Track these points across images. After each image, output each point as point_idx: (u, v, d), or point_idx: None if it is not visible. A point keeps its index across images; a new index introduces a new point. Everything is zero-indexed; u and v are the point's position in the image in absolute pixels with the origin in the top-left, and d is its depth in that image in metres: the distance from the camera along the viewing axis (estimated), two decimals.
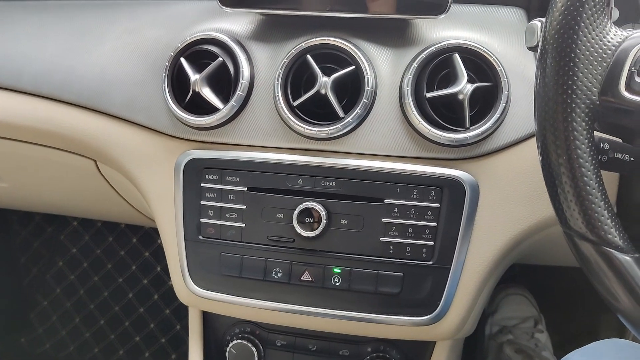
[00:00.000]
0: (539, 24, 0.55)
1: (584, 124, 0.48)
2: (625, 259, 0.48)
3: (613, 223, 0.48)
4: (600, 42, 0.48)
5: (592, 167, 0.49)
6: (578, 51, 0.48)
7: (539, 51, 0.52)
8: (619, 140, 0.57)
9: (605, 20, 0.49)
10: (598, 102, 0.48)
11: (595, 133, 0.55)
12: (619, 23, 0.81)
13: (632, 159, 0.59)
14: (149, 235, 1.65)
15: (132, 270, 1.66)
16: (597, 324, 1.37)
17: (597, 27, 0.48)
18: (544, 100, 0.50)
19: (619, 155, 0.59)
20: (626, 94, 0.47)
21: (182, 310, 1.62)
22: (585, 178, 0.48)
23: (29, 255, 1.72)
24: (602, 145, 0.59)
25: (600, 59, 0.48)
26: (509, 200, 0.75)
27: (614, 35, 0.49)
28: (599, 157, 0.59)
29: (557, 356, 1.27)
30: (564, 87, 0.48)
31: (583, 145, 0.48)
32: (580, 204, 0.48)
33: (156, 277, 1.64)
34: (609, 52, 0.48)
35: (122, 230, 1.67)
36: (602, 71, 0.48)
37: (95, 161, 0.95)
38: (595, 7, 0.48)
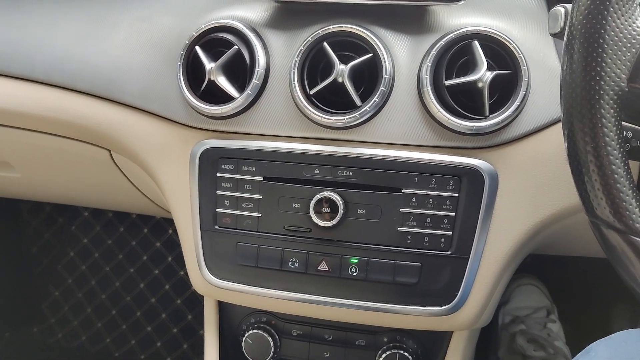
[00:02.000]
0: (562, 10, 0.54)
1: (612, 111, 0.47)
2: None
3: None
4: (630, 28, 0.47)
5: (620, 155, 0.48)
6: (607, 37, 0.47)
7: (565, 38, 0.51)
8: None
9: (634, 5, 0.48)
10: (627, 89, 0.47)
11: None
12: None
13: None
14: (160, 226, 1.65)
15: (143, 260, 1.66)
16: (609, 314, 1.36)
17: (625, 13, 0.47)
18: (571, 88, 0.49)
19: None
20: None
21: (193, 301, 1.62)
22: (613, 166, 0.48)
23: (40, 246, 1.73)
24: (625, 133, 0.58)
25: (629, 45, 0.47)
26: (528, 189, 0.74)
27: None
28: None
29: (569, 346, 1.26)
30: (592, 74, 0.47)
31: (611, 133, 0.48)
32: (607, 192, 0.48)
33: (167, 268, 1.65)
34: (638, 37, 0.47)
35: (133, 220, 1.67)
36: (631, 57, 0.47)
37: (109, 151, 0.95)
38: None
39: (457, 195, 0.74)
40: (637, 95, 0.48)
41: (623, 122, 0.56)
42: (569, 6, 0.52)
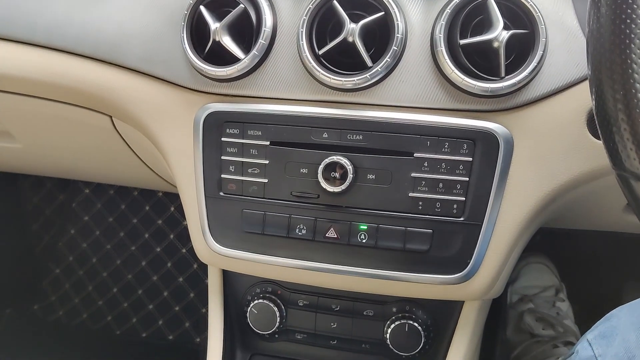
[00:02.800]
0: None
1: None
2: None
3: None
4: None
5: None
6: None
7: None
8: None
9: None
10: None
11: None
12: None
13: None
14: (162, 203, 1.63)
15: (145, 238, 1.64)
16: (619, 292, 1.34)
17: None
18: (599, 41, 0.47)
19: None
20: None
21: (195, 278, 1.60)
22: None
23: (41, 223, 1.71)
24: None
25: None
26: (544, 154, 0.72)
27: None
28: None
29: (578, 325, 1.25)
30: (622, 27, 0.45)
31: None
32: (637, 143, 0.45)
33: (169, 245, 1.63)
34: None
35: (134, 197, 1.65)
36: None
37: (111, 117, 0.93)
38: None
39: (470, 159, 0.71)
40: None
41: None
42: None
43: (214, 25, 0.74)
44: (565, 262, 1.36)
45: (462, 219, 0.73)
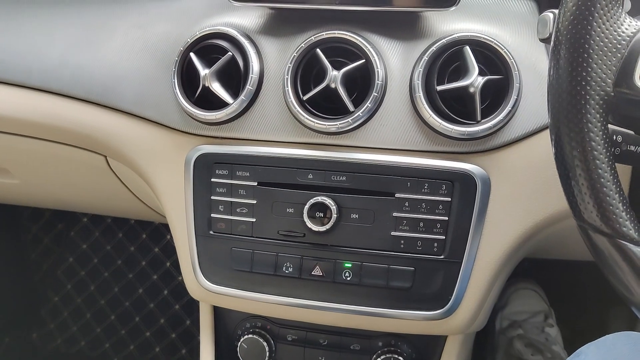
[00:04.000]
0: (551, 15, 0.54)
1: (598, 115, 0.48)
2: None
3: (628, 215, 0.48)
4: (615, 33, 0.48)
5: (606, 159, 0.48)
6: (592, 42, 0.47)
7: (552, 43, 0.51)
8: (632, 132, 0.57)
9: (620, 10, 0.48)
10: (612, 94, 0.48)
11: (609, 126, 0.55)
12: (632, 14, 0.80)
13: None
14: (159, 231, 1.65)
15: (142, 265, 1.67)
16: (607, 318, 1.36)
17: (611, 18, 0.48)
18: (558, 92, 0.50)
19: (632, 148, 0.59)
20: None
21: (192, 306, 1.62)
22: (600, 170, 0.48)
23: (40, 251, 1.73)
24: (615, 137, 0.58)
25: (614, 50, 0.47)
26: (520, 193, 0.74)
27: (629, 25, 0.48)
28: (612, 149, 0.59)
29: (567, 350, 1.26)
30: (578, 79, 0.48)
31: (597, 137, 0.48)
32: (594, 196, 0.48)
33: (166, 273, 1.65)
34: (624, 42, 0.47)
35: (131, 226, 1.67)
36: (617, 62, 0.47)
37: (105, 157, 0.96)
38: None
39: (449, 199, 0.74)
40: (623, 99, 0.48)
41: (613, 126, 0.56)
42: (557, 11, 0.53)
43: (203, 71, 0.78)
44: (554, 287, 1.38)
45: (442, 256, 0.75)
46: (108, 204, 1.22)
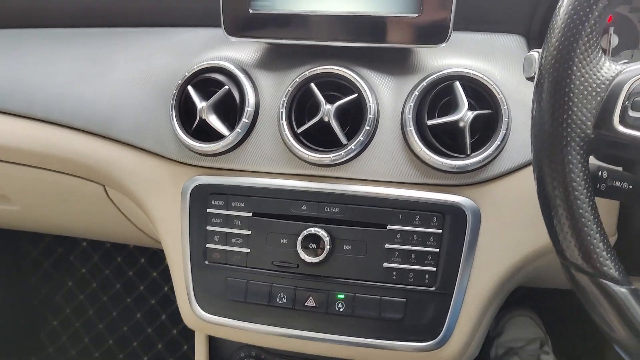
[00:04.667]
0: (536, 55, 0.56)
1: (579, 157, 0.49)
2: (621, 290, 0.49)
3: (609, 255, 0.49)
4: (595, 77, 0.49)
5: (587, 199, 0.49)
6: (572, 86, 0.49)
7: (535, 84, 0.53)
8: (619, 168, 0.58)
9: (599, 54, 0.50)
10: (593, 136, 0.49)
11: (594, 161, 0.56)
12: (619, 49, 0.82)
13: (631, 186, 0.59)
14: (157, 256, 1.66)
15: (140, 290, 1.67)
16: (603, 346, 1.36)
17: (591, 62, 0.49)
18: (540, 132, 0.51)
19: (618, 184, 0.60)
20: (620, 128, 0.48)
21: (189, 331, 1.61)
22: (581, 210, 0.49)
23: (39, 276, 1.74)
24: (600, 173, 0.60)
25: (594, 93, 0.49)
26: (510, 226, 0.76)
27: (608, 69, 0.50)
28: (598, 185, 0.60)
29: None
30: (559, 121, 0.49)
31: (578, 178, 0.49)
32: (576, 236, 0.49)
33: (164, 297, 1.65)
34: (603, 86, 0.49)
35: (130, 251, 1.68)
36: (597, 105, 0.49)
37: (104, 186, 0.97)
38: (588, 42, 0.49)
39: (440, 231, 0.75)
40: (604, 141, 0.50)
41: (598, 163, 0.58)
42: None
43: (200, 104, 0.79)
44: (550, 315, 1.38)
45: (433, 288, 0.76)
46: (106, 230, 1.24)
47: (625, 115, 0.48)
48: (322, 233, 0.77)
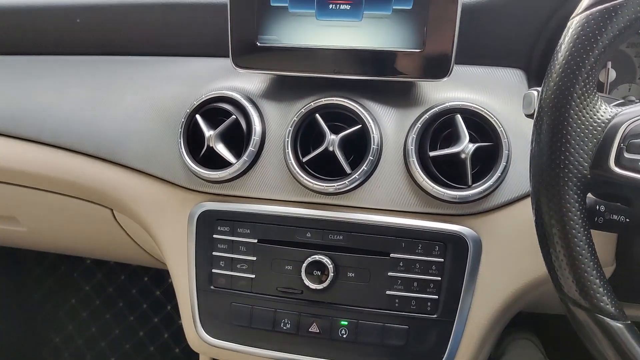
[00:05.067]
0: (535, 93, 0.58)
1: (575, 196, 0.51)
2: (618, 326, 0.50)
3: (605, 291, 0.51)
4: (591, 120, 0.51)
5: (584, 237, 0.51)
6: (570, 128, 0.51)
7: (534, 122, 0.55)
8: (619, 203, 0.60)
9: (595, 98, 0.52)
10: (589, 176, 0.51)
11: (591, 195, 0.58)
12: (616, 83, 0.85)
13: (628, 220, 0.61)
14: (161, 274, 1.68)
15: (143, 308, 1.68)
16: None
17: (587, 105, 0.51)
18: (538, 169, 0.53)
19: (615, 217, 0.62)
20: (616, 169, 0.50)
21: (192, 350, 1.63)
22: (578, 248, 0.51)
23: (43, 293, 1.75)
24: (598, 207, 0.61)
25: (590, 136, 0.51)
26: (511, 255, 0.77)
27: (604, 112, 0.52)
28: (595, 218, 0.62)
29: None
30: (557, 162, 0.51)
31: (575, 217, 0.51)
32: (573, 272, 0.51)
33: (167, 316, 1.66)
34: (599, 129, 0.51)
35: (134, 269, 1.70)
36: (593, 147, 0.51)
37: (111, 210, 0.99)
38: (585, 86, 0.51)
39: (442, 260, 0.77)
40: (600, 181, 0.51)
41: (595, 198, 0.60)
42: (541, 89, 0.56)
43: (208, 132, 0.81)
44: (551, 338, 1.39)
45: (435, 315, 0.78)
46: (112, 251, 1.25)
47: (621, 157, 0.50)
48: (326, 260, 0.78)
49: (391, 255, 0.78)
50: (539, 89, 0.56)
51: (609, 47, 0.50)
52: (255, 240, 0.82)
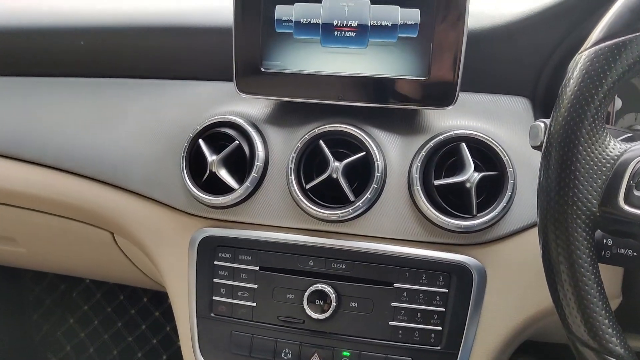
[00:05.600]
0: (542, 125, 0.57)
1: (584, 234, 0.50)
2: None
3: (614, 331, 0.49)
4: (600, 156, 0.50)
5: (593, 276, 0.50)
6: (578, 165, 0.50)
7: (542, 155, 0.54)
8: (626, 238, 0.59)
9: (605, 134, 0.51)
10: (598, 213, 0.50)
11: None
12: (622, 112, 0.84)
13: (635, 254, 0.60)
14: (160, 295, 1.66)
15: (142, 329, 1.67)
16: None
17: (596, 142, 0.50)
18: (547, 204, 0.52)
19: (623, 251, 0.61)
20: (625, 207, 0.49)
21: None
22: (587, 287, 0.50)
23: (41, 312, 1.74)
24: (605, 241, 0.61)
25: (600, 172, 0.50)
26: (516, 286, 0.76)
27: (613, 148, 0.51)
28: (603, 252, 0.61)
29: None
30: (565, 199, 0.50)
31: (584, 256, 0.50)
32: (581, 312, 0.50)
33: (165, 337, 1.65)
34: (608, 165, 0.50)
35: (133, 289, 1.68)
36: (602, 184, 0.50)
37: (112, 233, 0.98)
38: (593, 122, 0.50)
39: (446, 290, 0.76)
40: (609, 219, 0.50)
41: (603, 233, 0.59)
42: (547, 121, 0.55)
43: (210, 157, 0.81)
44: None
45: (439, 347, 0.76)
46: (111, 273, 1.24)
47: (630, 195, 0.49)
48: (328, 290, 0.77)
49: (395, 285, 0.77)
50: (546, 120, 0.56)
51: (618, 82, 0.49)
52: (257, 268, 0.81)
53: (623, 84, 0.50)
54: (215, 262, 0.83)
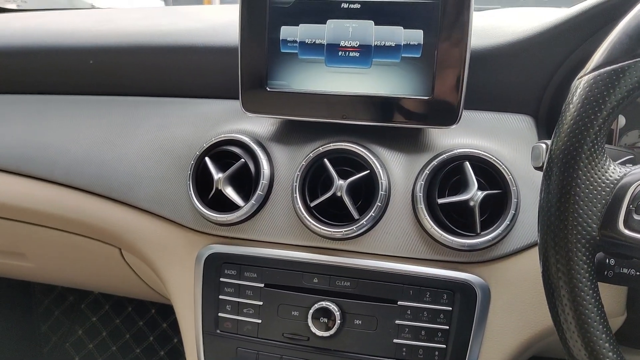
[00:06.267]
0: (543, 146, 0.57)
1: (584, 258, 0.51)
2: None
3: (615, 355, 0.50)
4: (600, 180, 0.51)
5: (593, 299, 0.50)
6: (578, 189, 0.50)
7: (542, 177, 0.54)
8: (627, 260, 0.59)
9: (604, 158, 0.51)
10: (598, 237, 0.50)
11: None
12: (626, 129, 0.84)
13: (638, 273, 0.60)
14: (167, 307, 1.67)
15: (150, 341, 1.68)
16: None
17: (596, 166, 0.51)
18: (547, 227, 0.53)
19: (625, 271, 0.61)
20: (625, 231, 0.49)
21: None
22: (587, 311, 0.50)
23: (50, 324, 1.75)
24: (607, 261, 0.61)
25: (599, 197, 0.50)
26: (520, 304, 0.76)
27: (612, 172, 0.51)
28: (605, 272, 0.61)
29: None
30: (565, 223, 0.51)
31: (584, 279, 0.50)
32: (582, 337, 0.50)
33: (173, 349, 1.65)
34: (608, 189, 0.51)
35: (140, 301, 1.69)
36: (602, 207, 0.50)
37: (119, 249, 0.99)
38: (593, 147, 0.50)
39: (450, 309, 0.76)
40: (609, 242, 0.51)
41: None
42: (549, 142, 0.56)
43: (217, 175, 0.82)
44: None
45: None
46: (119, 287, 1.25)
47: (630, 219, 0.49)
48: (333, 307, 0.78)
49: (399, 302, 0.77)
50: (548, 142, 0.56)
51: (617, 108, 0.50)
52: (262, 285, 0.82)
53: (623, 108, 0.51)
54: (221, 279, 0.84)
